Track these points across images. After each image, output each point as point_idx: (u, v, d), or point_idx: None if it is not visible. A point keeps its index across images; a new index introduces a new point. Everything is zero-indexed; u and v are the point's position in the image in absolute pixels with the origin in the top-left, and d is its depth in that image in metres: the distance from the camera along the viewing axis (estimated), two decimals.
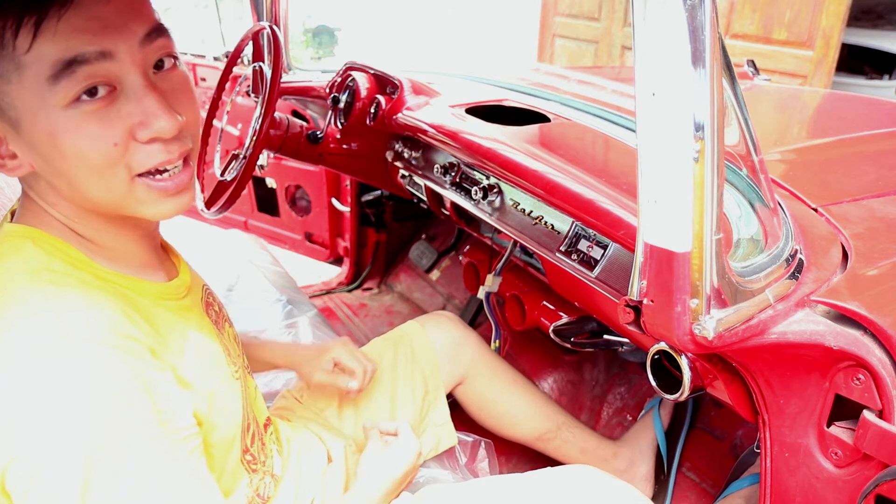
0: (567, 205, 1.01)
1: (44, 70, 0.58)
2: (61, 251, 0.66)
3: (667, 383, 0.86)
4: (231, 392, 0.79)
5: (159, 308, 0.72)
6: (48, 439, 0.56)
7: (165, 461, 0.62)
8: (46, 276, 0.62)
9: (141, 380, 0.61)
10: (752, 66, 2.00)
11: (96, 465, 0.57)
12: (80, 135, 0.61)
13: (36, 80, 0.59)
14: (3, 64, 0.59)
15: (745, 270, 0.71)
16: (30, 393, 0.57)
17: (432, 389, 1.25)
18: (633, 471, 1.36)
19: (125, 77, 0.62)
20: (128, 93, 0.62)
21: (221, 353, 0.79)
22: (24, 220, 0.69)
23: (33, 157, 0.63)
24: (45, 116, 0.60)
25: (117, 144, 0.62)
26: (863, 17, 3.76)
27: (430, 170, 1.47)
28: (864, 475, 0.71)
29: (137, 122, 0.63)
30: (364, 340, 1.73)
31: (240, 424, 0.80)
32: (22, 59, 0.58)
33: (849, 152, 1.28)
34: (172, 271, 0.81)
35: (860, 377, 0.69)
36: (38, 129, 0.61)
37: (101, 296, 0.64)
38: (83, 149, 0.61)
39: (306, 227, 2.25)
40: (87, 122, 0.61)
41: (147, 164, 0.64)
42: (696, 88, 0.57)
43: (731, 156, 0.78)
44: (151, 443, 0.61)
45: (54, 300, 0.61)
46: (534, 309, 1.51)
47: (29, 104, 0.60)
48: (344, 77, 1.61)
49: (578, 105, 1.35)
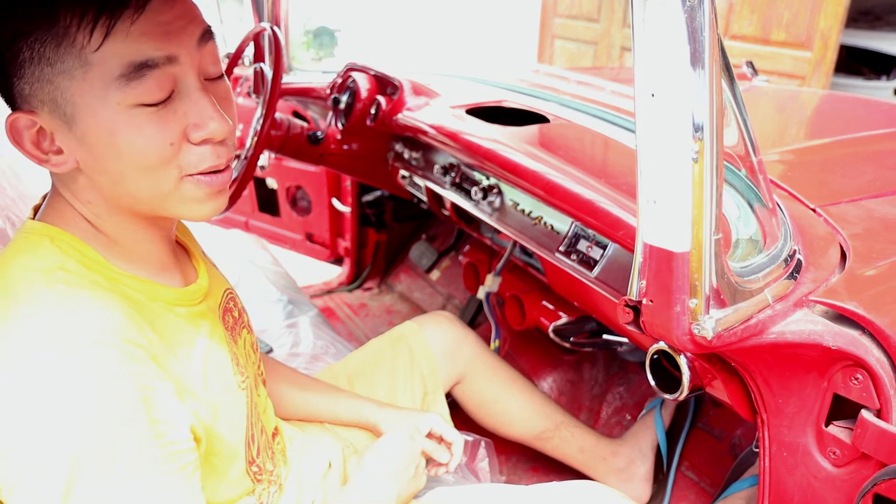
0: (566, 205, 1.02)
1: (112, 70, 0.60)
2: (78, 251, 0.67)
3: (666, 383, 0.86)
4: (235, 403, 0.78)
5: (170, 314, 0.72)
6: (39, 436, 0.56)
7: (153, 472, 0.61)
8: (59, 276, 0.63)
9: (140, 387, 0.61)
10: (751, 67, 2.00)
11: (82, 467, 0.57)
12: (139, 134, 0.62)
13: (102, 78, 0.60)
14: (69, 60, 0.60)
15: (743, 270, 0.72)
16: (26, 388, 0.57)
17: (431, 390, 1.25)
18: (632, 470, 1.37)
19: (184, 79, 0.64)
20: (184, 94, 0.65)
21: (229, 363, 0.79)
22: (46, 218, 0.69)
23: (82, 153, 0.64)
24: (106, 114, 0.61)
25: (173, 144, 0.64)
26: (861, 18, 3.77)
27: (430, 170, 1.47)
28: (862, 474, 0.71)
29: (192, 123, 0.65)
30: (364, 340, 1.73)
31: (243, 435, 0.79)
32: (90, 56, 0.60)
33: (847, 153, 1.28)
34: (192, 275, 0.81)
35: (858, 377, 0.70)
36: (96, 126, 0.62)
37: (111, 299, 0.64)
38: (141, 147, 0.63)
39: (307, 228, 2.25)
40: (148, 122, 0.62)
41: (199, 166, 0.67)
42: (696, 89, 0.57)
43: (729, 156, 0.78)
44: (141, 451, 0.60)
45: (64, 299, 0.61)
46: (533, 309, 1.51)
47: (90, 101, 0.61)
48: (344, 78, 1.61)
49: (578, 106, 1.36)
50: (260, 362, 0.93)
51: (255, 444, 0.83)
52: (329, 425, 1.14)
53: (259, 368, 0.91)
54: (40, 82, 0.61)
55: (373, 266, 2.23)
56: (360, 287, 2.24)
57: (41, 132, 0.64)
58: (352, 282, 2.24)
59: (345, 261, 2.26)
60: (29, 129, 0.63)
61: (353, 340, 1.95)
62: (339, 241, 2.22)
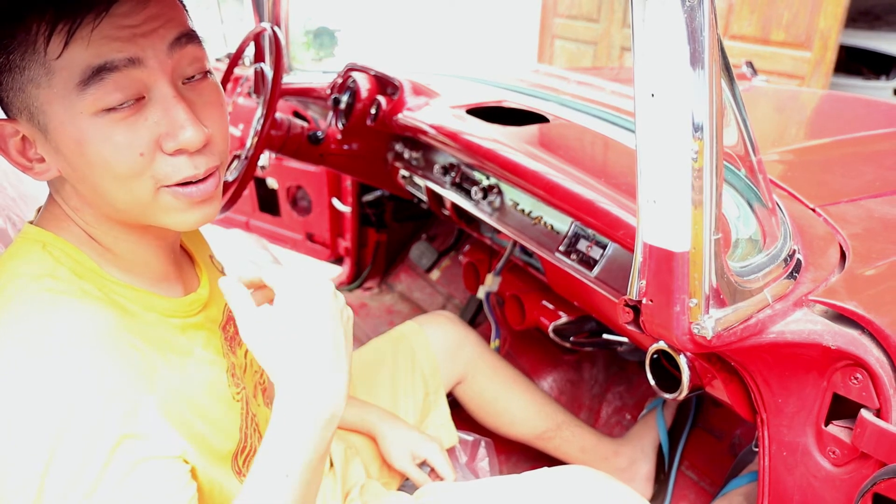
0: (566, 205, 1.02)
1: (73, 76, 0.58)
2: (71, 258, 0.65)
3: (666, 383, 0.86)
4: (228, 414, 0.75)
5: (163, 325, 0.70)
6: (9, 437, 0.55)
7: (126, 484, 0.58)
8: (47, 283, 0.62)
9: (115, 398, 0.59)
10: (751, 67, 2.00)
11: (51, 476, 0.55)
12: (106, 143, 0.60)
13: (65, 85, 0.59)
14: (35, 68, 0.59)
15: (743, 270, 0.72)
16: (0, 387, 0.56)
17: (433, 390, 1.26)
18: (633, 469, 1.37)
19: (153, 85, 0.62)
20: (155, 101, 0.62)
21: (223, 374, 0.76)
22: (43, 222, 0.69)
23: (60, 162, 0.63)
24: (73, 123, 0.60)
25: (143, 154, 0.61)
26: (860, 18, 3.77)
27: (430, 170, 1.48)
28: (861, 473, 0.71)
29: (164, 132, 0.62)
30: (365, 340, 1.73)
31: (235, 447, 0.76)
32: (52, 64, 0.58)
33: (846, 153, 1.28)
34: (193, 284, 0.79)
35: (858, 376, 0.70)
36: (65, 135, 0.61)
37: (98, 308, 0.62)
38: (108, 157, 0.61)
39: (307, 227, 2.25)
40: (114, 131, 0.60)
41: (173, 177, 0.64)
42: (695, 89, 0.57)
43: (729, 156, 0.78)
44: (114, 464, 0.57)
45: (47, 305, 0.60)
46: (533, 308, 1.51)
47: (57, 109, 0.60)
48: (345, 78, 1.61)
49: (578, 106, 1.36)
50: (262, 372, 0.91)
51: (247, 452, 0.79)
52: None
53: (261, 378, 0.90)
54: (14, 90, 0.60)
55: (373, 266, 2.23)
56: (360, 287, 2.23)
57: (25, 140, 0.63)
58: (352, 282, 2.24)
59: (345, 260, 2.26)
60: (13, 136, 0.63)
61: (353, 340, 1.95)
62: (340, 240, 2.22)
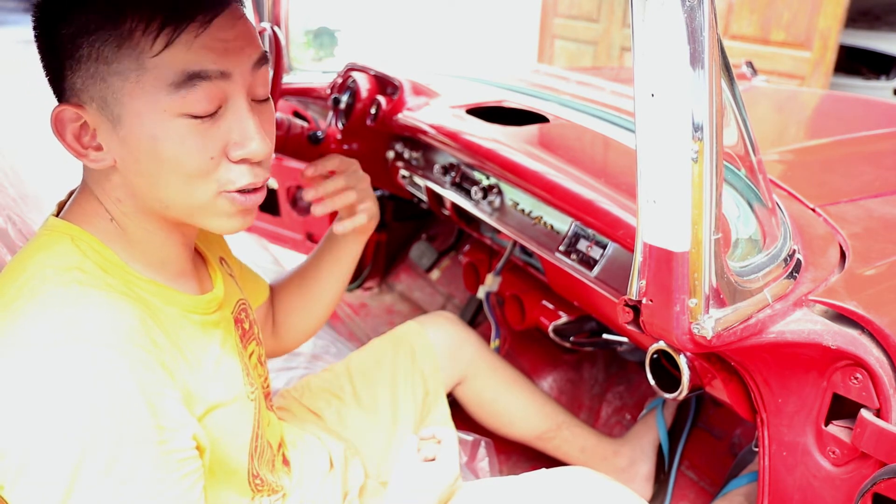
0: (566, 205, 1.02)
1: (166, 76, 0.62)
2: (97, 252, 0.67)
3: (665, 382, 0.86)
4: (244, 411, 0.78)
5: (184, 320, 0.72)
6: (39, 435, 0.56)
7: (155, 478, 0.60)
8: (75, 275, 0.63)
9: (145, 392, 0.61)
10: (751, 67, 2.01)
11: (84, 467, 0.56)
12: (181, 144, 0.64)
13: (155, 83, 0.62)
14: (126, 62, 0.61)
15: (743, 270, 0.72)
16: (29, 385, 0.56)
17: (433, 390, 1.26)
18: (633, 470, 1.37)
19: (233, 97, 0.66)
20: (231, 112, 0.66)
21: (240, 372, 0.79)
22: (71, 215, 0.69)
23: (123, 153, 0.65)
24: (153, 119, 0.63)
25: (213, 158, 0.66)
26: (860, 18, 3.77)
27: (430, 170, 1.48)
28: (861, 473, 0.71)
29: (234, 140, 0.67)
30: (364, 340, 1.73)
31: (247, 444, 0.79)
32: (147, 61, 0.61)
33: (846, 153, 1.28)
34: (207, 284, 0.82)
35: (858, 376, 0.70)
36: (141, 129, 0.63)
37: (124, 302, 0.64)
38: (181, 157, 0.64)
39: (307, 227, 2.25)
40: (191, 133, 0.64)
41: (237, 183, 0.68)
42: (695, 89, 0.57)
43: (729, 156, 0.78)
44: (144, 456, 0.60)
45: (75, 299, 0.61)
46: (533, 308, 1.51)
47: (139, 104, 0.62)
48: (345, 78, 1.62)
49: (578, 106, 1.36)
50: (267, 376, 0.93)
51: (259, 454, 0.83)
52: (330, 425, 1.14)
53: (266, 381, 0.91)
54: (94, 79, 0.62)
55: (373, 266, 2.22)
56: (360, 287, 2.23)
57: (84, 127, 0.65)
58: (352, 281, 2.24)
59: None
60: (73, 122, 0.65)
61: (353, 340, 1.95)
62: None
